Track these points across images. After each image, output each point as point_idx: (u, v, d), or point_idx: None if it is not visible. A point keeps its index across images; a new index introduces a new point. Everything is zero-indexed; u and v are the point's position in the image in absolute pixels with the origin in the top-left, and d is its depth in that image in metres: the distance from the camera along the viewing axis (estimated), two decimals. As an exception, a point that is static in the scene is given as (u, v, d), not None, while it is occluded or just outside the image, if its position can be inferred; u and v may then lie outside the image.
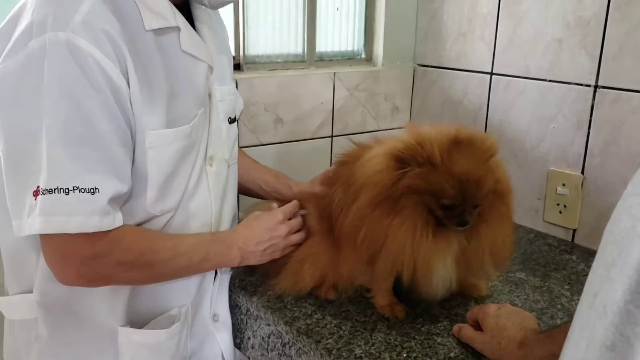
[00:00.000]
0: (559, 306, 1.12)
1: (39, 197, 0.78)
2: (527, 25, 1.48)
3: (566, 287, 1.20)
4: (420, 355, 0.96)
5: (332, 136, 1.63)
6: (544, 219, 1.49)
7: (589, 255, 1.36)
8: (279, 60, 1.58)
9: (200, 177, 0.97)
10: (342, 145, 1.62)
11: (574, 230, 1.44)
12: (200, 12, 0.99)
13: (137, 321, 0.95)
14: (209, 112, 0.99)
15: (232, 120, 1.09)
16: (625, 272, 0.41)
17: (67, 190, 0.77)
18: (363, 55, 1.73)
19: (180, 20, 0.90)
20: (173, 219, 0.95)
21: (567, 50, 1.40)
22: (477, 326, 1.00)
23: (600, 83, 1.34)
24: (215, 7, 0.99)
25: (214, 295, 1.06)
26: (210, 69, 0.97)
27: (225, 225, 1.07)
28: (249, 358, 1.18)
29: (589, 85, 1.36)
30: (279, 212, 1.08)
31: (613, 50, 1.31)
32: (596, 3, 1.32)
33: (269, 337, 1.10)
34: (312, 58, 1.62)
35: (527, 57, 1.49)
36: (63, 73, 0.78)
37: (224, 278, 1.10)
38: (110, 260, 0.84)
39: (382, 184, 0.96)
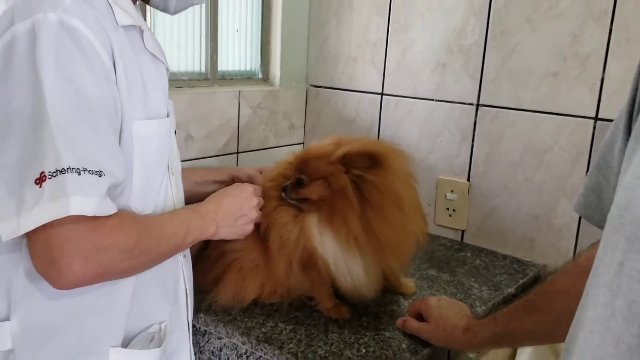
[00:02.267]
0: (473, 296, 1.28)
1: (47, 181, 0.70)
2: (414, 51, 1.66)
3: (472, 279, 1.37)
4: (377, 349, 1.03)
5: (237, 152, 1.65)
6: (436, 222, 1.66)
7: (479, 251, 1.56)
8: (184, 78, 1.57)
9: (167, 185, 0.95)
10: (247, 161, 1.67)
11: (463, 231, 1.63)
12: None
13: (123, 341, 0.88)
14: None
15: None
16: None
17: (78, 171, 0.71)
18: (260, 75, 1.78)
19: (142, 21, 0.90)
20: None
21: (451, 74, 1.60)
22: (419, 317, 1.10)
23: (481, 102, 1.55)
24: (177, 11, 0.98)
25: (189, 305, 1.02)
26: (167, 72, 0.96)
27: None
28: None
29: (471, 104, 1.57)
30: (247, 185, 1.09)
31: (491, 74, 1.53)
32: (476, 32, 1.53)
33: (220, 351, 1.10)
34: (215, 77, 1.63)
35: (415, 79, 1.67)
36: (59, 54, 0.73)
37: (189, 290, 1.06)
38: (114, 250, 0.77)
39: (276, 171, 1.18)
